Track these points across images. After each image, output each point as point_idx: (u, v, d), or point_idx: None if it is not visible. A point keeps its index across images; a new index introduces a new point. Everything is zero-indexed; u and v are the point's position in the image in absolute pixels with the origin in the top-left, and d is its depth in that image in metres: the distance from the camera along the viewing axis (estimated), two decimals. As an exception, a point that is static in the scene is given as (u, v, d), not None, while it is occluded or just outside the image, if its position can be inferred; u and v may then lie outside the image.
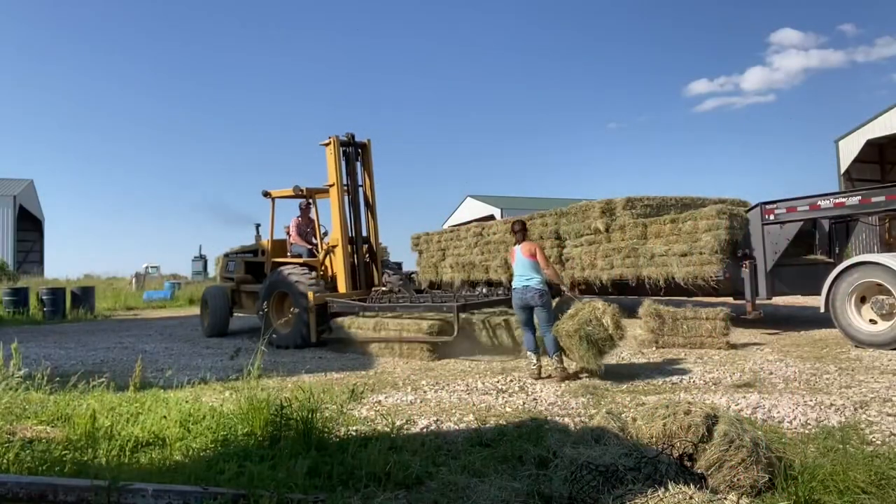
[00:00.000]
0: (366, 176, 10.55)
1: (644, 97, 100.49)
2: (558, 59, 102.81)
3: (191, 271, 38.88)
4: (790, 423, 4.24)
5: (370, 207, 10.58)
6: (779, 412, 4.46)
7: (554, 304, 6.72)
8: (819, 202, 8.64)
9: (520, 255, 6.42)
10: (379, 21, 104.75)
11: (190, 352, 9.41)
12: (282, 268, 10.09)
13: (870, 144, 24.20)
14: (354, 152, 10.41)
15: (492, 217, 39.34)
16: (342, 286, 9.82)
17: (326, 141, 10.18)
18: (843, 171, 24.66)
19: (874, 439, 3.78)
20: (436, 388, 5.81)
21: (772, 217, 9.13)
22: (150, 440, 3.97)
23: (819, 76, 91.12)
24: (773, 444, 3.28)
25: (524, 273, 6.33)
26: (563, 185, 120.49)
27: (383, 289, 9.71)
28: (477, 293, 10.07)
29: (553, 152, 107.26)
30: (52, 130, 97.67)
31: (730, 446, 2.93)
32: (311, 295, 9.21)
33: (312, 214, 11.02)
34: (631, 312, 8.91)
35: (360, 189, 10.54)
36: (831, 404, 4.65)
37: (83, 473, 3.13)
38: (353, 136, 10.32)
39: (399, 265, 30.04)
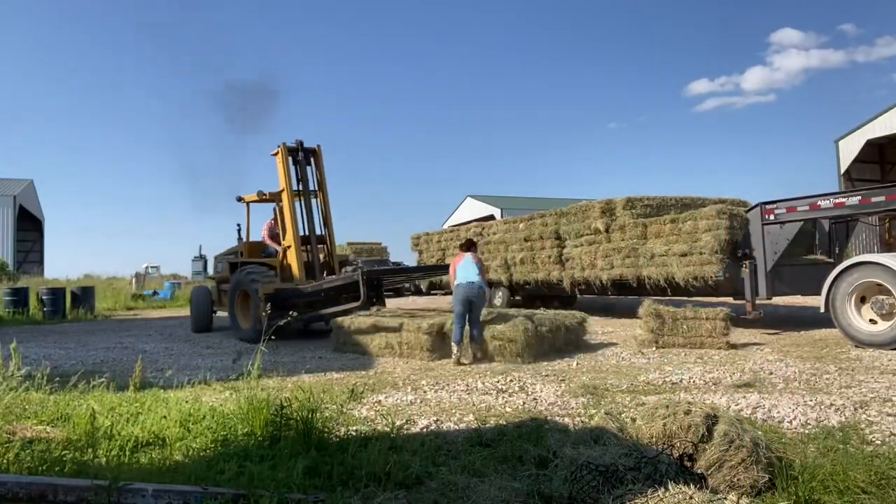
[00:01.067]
0: (318, 180, 11.29)
1: (644, 97, 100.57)
2: (558, 59, 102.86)
3: (191, 271, 38.88)
4: (790, 423, 4.23)
5: (324, 210, 11.33)
6: (779, 412, 4.46)
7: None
8: (819, 202, 8.64)
9: (469, 260, 7.62)
10: (379, 21, 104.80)
11: (190, 352, 9.41)
12: (244, 267, 10.97)
13: (870, 144, 24.21)
14: (305, 158, 11.15)
15: (492, 217, 39.35)
16: (298, 281, 10.63)
17: (275, 150, 11.01)
18: (843, 171, 24.67)
19: (874, 439, 3.78)
20: (436, 388, 5.81)
21: (772, 217, 9.13)
22: (150, 440, 3.97)
23: (819, 76, 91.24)
24: (773, 444, 3.29)
25: (472, 272, 7.48)
26: (563, 185, 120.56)
27: (333, 278, 10.40)
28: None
29: (553, 152, 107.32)
30: (52, 130, 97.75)
31: (730, 446, 2.93)
32: (261, 287, 9.98)
33: (277, 217, 11.56)
34: (631, 312, 8.93)
35: (315, 192, 11.28)
36: (831, 404, 4.65)
37: (83, 473, 3.13)
38: (301, 143, 11.09)
39: (399, 265, 30.12)
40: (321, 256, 11.25)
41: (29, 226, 44.16)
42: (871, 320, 7.55)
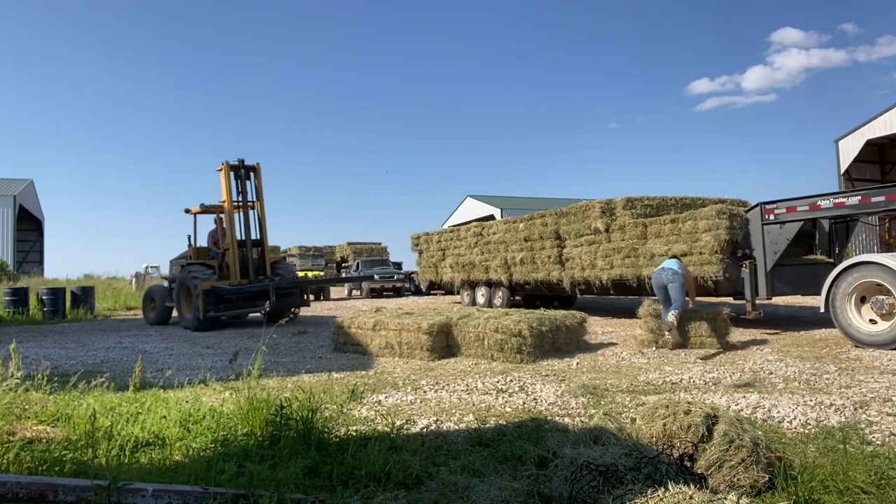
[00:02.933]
0: (257, 192, 13.12)
1: (645, 97, 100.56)
2: (559, 60, 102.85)
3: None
4: (790, 423, 4.23)
5: (261, 218, 13.23)
6: (779, 412, 4.46)
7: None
8: (819, 202, 8.64)
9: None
10: (380, 22, 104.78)
11: (190, 352, 9.40)
12: (188, 267, 13.02)
13: (870, 144, 24.24)
14: (245, 173, 12.98)
15: (492, 217, 39.36)
16: (233, 278, 12.74)
17: (219, 167, 12.88)
18: (843, 171, 24.69)
19: (874, 439, 3.78)
20: (436, 388, 5.81)
21: (772, 217, 9.12)
22: (150, 440, 3.97)
23: (820, 75, 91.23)
24: (773, 444, 3.29)
25: (667, 262, 8.35)
26: (563, 185, 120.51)
27: (261, 278, 12.86)
28: (301, 277, 15.65)
29: (553, 152, 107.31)
30: (52, 130, 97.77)
31: (730, 446, 2.93)
32: (199, 284, 12.08)
33: (225, 225, 13.44)
34: (631, 312, 8.93)
35: (253, 203, 13.10)
36: (831, 404, 4.65)
37: (83, 473, 3.13)
38: (242, 161, 12.93)
39: (399, 265, 30.11)
40: (255, 258, 13.22)
41: (29, 226, 44.16)
42: (871, 320, 7.54)
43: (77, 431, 3.95)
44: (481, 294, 15.55)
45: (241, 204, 12.96)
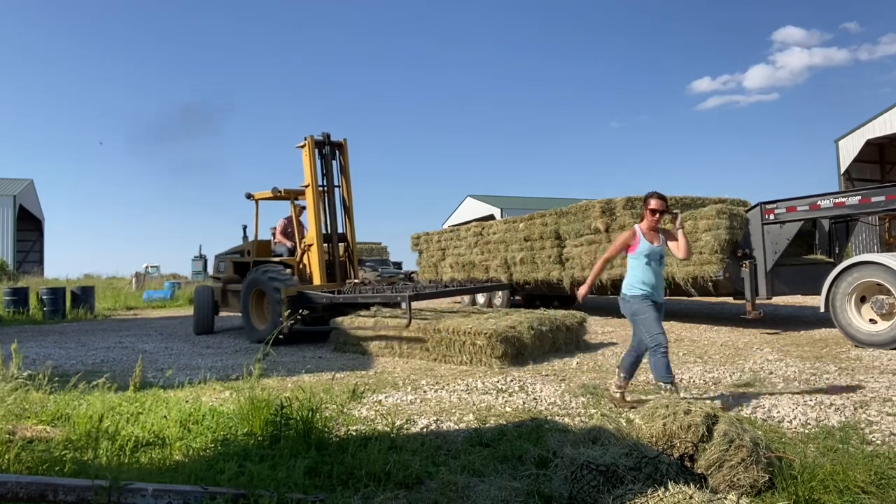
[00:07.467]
0: (342, 175, 10.77)
1: (646, 96, 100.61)
2: (560, 59, 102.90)
3: (191, 271, 38.94)
4: (790, 422, 4.24)
5: (347, 207, 10.81)
6: (779, 412, 4.46)
7: None
8: (819, 202, 8.63)
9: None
10: (381, 21, 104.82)
11: (190, 352, 9.40)
12: (259, 266, 10.55)
13: (870, 144, 24.22)
14: (331, 152, 10.62)
15: (492, 217, 39.36)
16: (317, 280, 10.24)
17: (302, 143, 10.40)
18: (843, 171, 24.68)
19: (874, 439, 3.78)
20: (436, 388, 5.81)
21: (772, 217, 9.12)
22: (150, 440, 3.97)
23: (822, 74, 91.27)
24: (773, 444, 3.29)
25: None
26: (563, 185, 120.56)
27: (356, 281, 10.34)
28: (434, 285, 10.72)
29: (553, 152, 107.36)
30: (52, 130, 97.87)
31: (730, 446, 2.93)
32: (283, 289, 9.51)
33: (292, 215, 11.16)
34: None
35: (338, 189, 10.77)
36: (831, 404, 4.65)
37: (83, 473, 3.13)
38: (328, 136, 10.50)
39: (399, 265, 30.02)
40: (340, 256, 10.80)
41: (29, 226, 44.14)
42: (870, 320, 7.55)
43: (77, 431, 3.95)
44: (481, 294, 15.54)
45: (325, 189, 10.55)
